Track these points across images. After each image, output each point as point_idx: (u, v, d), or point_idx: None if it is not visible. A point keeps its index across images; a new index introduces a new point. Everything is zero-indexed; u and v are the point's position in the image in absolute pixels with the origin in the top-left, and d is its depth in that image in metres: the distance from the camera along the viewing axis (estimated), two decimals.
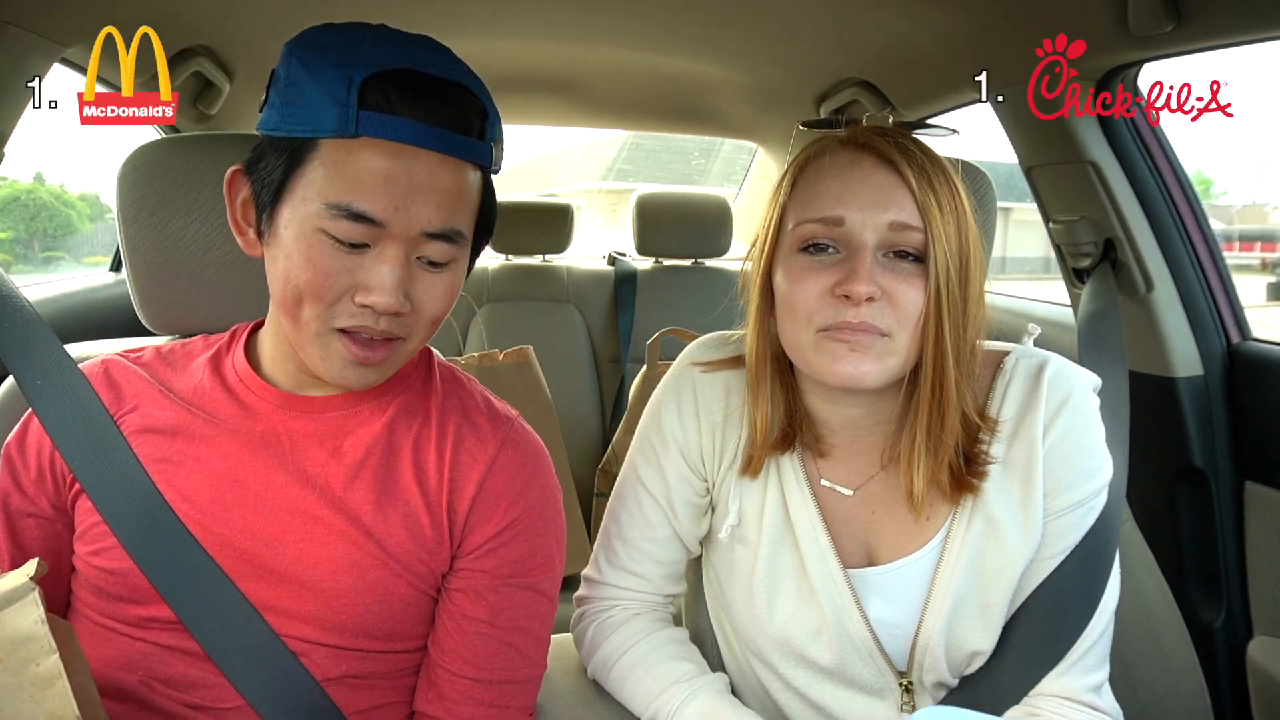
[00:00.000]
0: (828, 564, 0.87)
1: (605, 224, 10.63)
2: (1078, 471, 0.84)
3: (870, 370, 0.78)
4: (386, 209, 0.73)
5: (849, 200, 0.79)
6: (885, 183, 0.78)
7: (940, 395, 0.80)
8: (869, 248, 0.78)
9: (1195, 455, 1.45)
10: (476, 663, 0.83)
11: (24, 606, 0.62)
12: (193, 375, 0.86)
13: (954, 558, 0.84)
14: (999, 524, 0.84)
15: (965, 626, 0.85)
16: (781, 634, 0.89)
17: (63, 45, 1.28)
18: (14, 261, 3.35)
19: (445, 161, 0.75)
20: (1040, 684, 0.86)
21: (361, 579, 0.80)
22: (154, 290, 1.01)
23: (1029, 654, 0.86)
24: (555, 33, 1.80)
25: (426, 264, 0.76)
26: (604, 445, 2.33)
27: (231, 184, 0.80)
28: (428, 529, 0.82)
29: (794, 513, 0.89)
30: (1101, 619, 0.86)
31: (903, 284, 0.78)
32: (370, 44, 0.74)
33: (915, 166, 0.78)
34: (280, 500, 0.80)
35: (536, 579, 0.85)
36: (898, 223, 0.78)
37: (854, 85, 1.85)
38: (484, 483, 0.83)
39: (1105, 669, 0.88)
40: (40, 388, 0.84)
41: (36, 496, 0.83)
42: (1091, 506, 0.86)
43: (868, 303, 0.77)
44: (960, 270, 0.79)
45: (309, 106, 0.73)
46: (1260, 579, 1.41)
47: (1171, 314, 1.46)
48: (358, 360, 0.77)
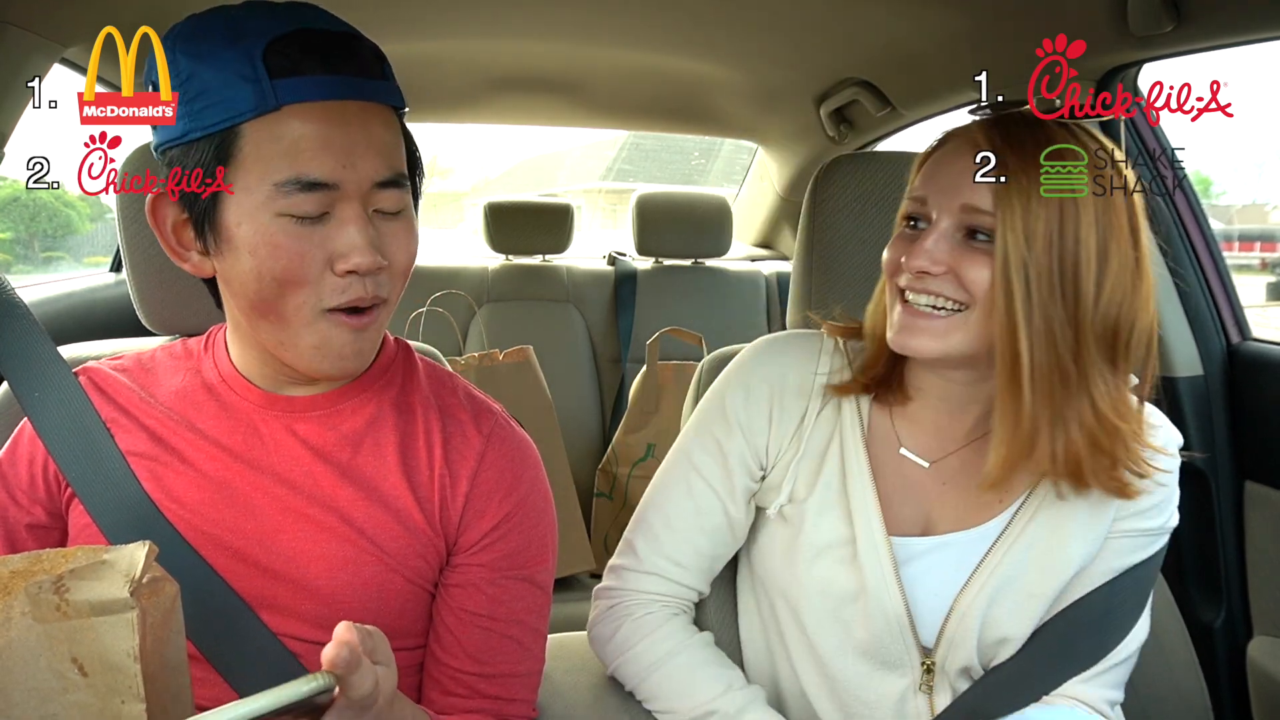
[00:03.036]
0: (873, 531, 0.88)
1: (605, 224, 10.63)
2: (1153, 504, 0.89)
3: (927, 344, 0.81)
4: (335, 169, 0.71)
5: (933, 183, 0.84)
6: (967, 166, 0.81)
7: (1014, 380, 0.80)
8: (940, 226, 0.82)
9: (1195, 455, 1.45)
10: (478, 657, 0.83)
11: (119, 626, 0.58)
12: (173, 380, 0.85)
13: (1013, 540, 0.86)
14: (1066, 520, 0.86)
15: (1005, 609, 0.86)
16: (818, 590, 0.89)
17: (63, 45, 1.28)
18: (14, 261, 3.35)
19: (368, 108, 0.74)
20: (1060, 687, 0.88)
21: (357, 576, 0.79)
22: (154, 290, 1.01)
23: (1057, 662, 0.87)
24: (555, 33, 1.80)
25: (383, 215, 0.76)
26: (604, 445, 2.33)
27: (155, 214, 0.77)
28: (421, 524, 0.82)
29: (850, 479, 0.90)
30: (1131, 644, 0.89)
31: (968, 261, 0.80)
32: (251, 17, 0.72)
33: (1009, 153, 0.79)
34: (269, 501, 0.80)
35: (532, 571, 0.85)
36: (968, 205, 0.80)
37: (854, 85, 1.85)
38: (475, 479, 0.83)
39: (1121, 693, 0.91)
40: (38, 399, 0.84)
41: (31, 506, 0.83)
42: (1154, 540, 0.90)
43: (920, 275, 0.81)
44: (1051, 253, 0.78)
45: (216, 94, 0.70)
46: (1260, 579, 1.41)
47: (1171, 314, 1.45)
48: (355, 328, 0.76)
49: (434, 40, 1.83)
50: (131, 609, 0.58)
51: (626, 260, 2.61)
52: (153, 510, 0.79)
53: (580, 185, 12.37)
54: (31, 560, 0.60)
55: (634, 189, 2.70)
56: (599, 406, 2.44)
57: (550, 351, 2.29)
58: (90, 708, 0.59)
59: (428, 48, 1.88)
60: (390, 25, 1.68)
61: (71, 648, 0.59)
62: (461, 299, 2.36)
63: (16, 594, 0.59)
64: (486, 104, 2.43)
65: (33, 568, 0.60)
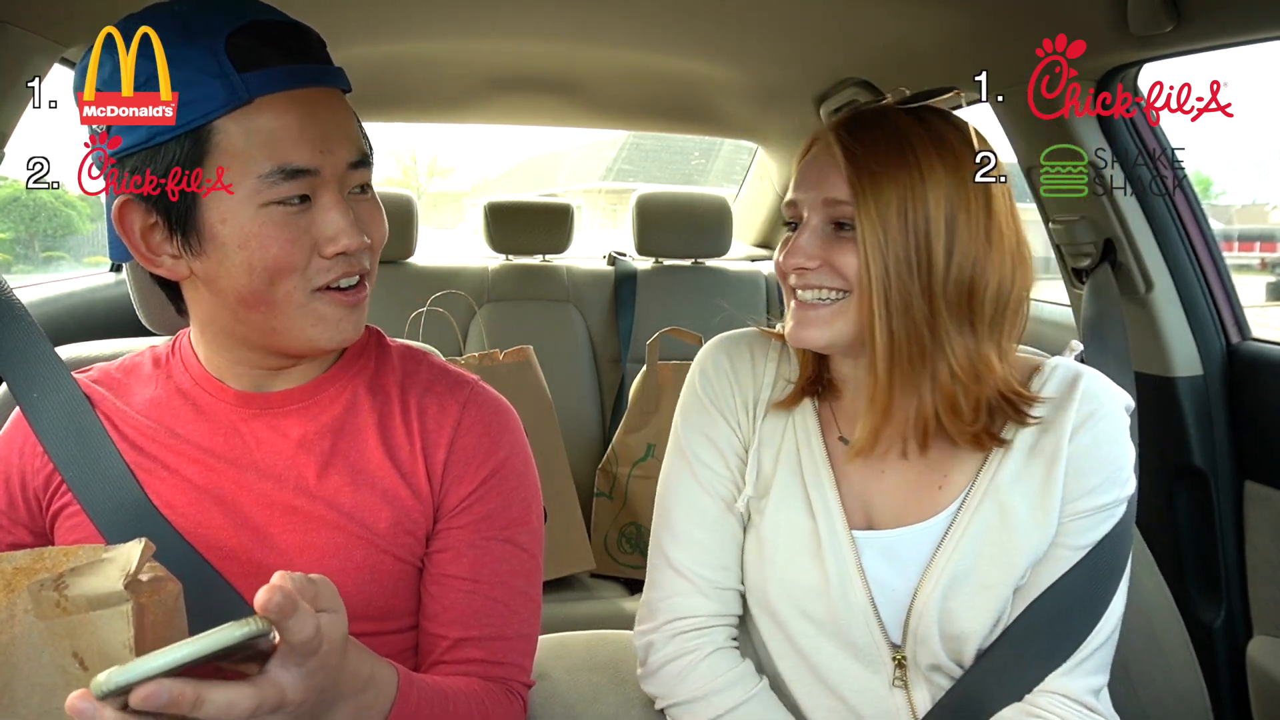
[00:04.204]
0: (834, 523, 0.90)
1: (605, 224, 10.63)
2: (1102, 478, 0.87)
3: (815, 334, 0.88)
4: (315, 156, 0.73)
5: (801, 183, 0.89)
6: (826, 164, 0.87)
7: (875, 353, 0.85)
8: (810, 224, 0.88)
9: (1195, 455, 1.45)
10: (464, 622, 0.83)
11: (115, 619, 0.59)
12: (146, 388, 0.85)
13: (961, 531, 0.87)
14: (1012, 509, 0.87)
15: (959, 601, 0.87)
16: (785, 587, 0.91)
17: (62, 45, 1.28)
18: (14, 261, 3.35)
19: (330, 94, 0.76)
20: (1042, 682, 0.87)
21: (348, 561, 0.80)
22: (153, 290, 1.00)
23: (1034, 651, 0.87)
24: (555, 33, 1.80)
25: (355, 195, 0.78)
26: (604, 445, 2.33)
27: (123, 220, 0.75)
28: (409, 500, 0.82)
29: (806, 470, 0.92)
30: (1107, 625, 0.88)
31: (838, 250, 0.86)
32: (197, 13, 0.72)
33: (857, 146, 0.85)
34: (256, 498, 0.80)
35: (514, 533, 0.85)
36: (830, 199, 0.86)
37: (854, 85, 1.85)
38: (453, 445, 0.84)
39: (1105, 675, 0.90)
40: (36, 399, 0.84)
41: (13, 527, 0.84)
42: (1111, 514, 0.89)
43: (807, 271, 0.87)
44: (906, 233, 0.83)
45: (184, 94, 0.70)
46: (1260, 579, 1.41)
47: (1171, 314, 1.46)
48: (349, 305, 0.78)
49: (434, 40, 1.83)
50: (126, 601, 0.59)
51: (626, 260, 2.61)
52: (151, 510, 0.79)
53: (580, 185, 12.38)
54: (34, 558, 0.61)
55: (634, 189, 2.70)
56: (599, 406, 2.44)
57: (550, 351, 2.29)
58: None
59: (427, 48, 1.88)
60: (390, 25, 1.68)
61: (72, 642, 0.60)
62: (461, 299, 2.36)
63: (20, 591, 0.60)
64: (486, 104, 2.43)
65: (35, 565, 0.61)
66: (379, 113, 2.46)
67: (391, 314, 2.15)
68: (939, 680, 0.89)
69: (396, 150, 12.82)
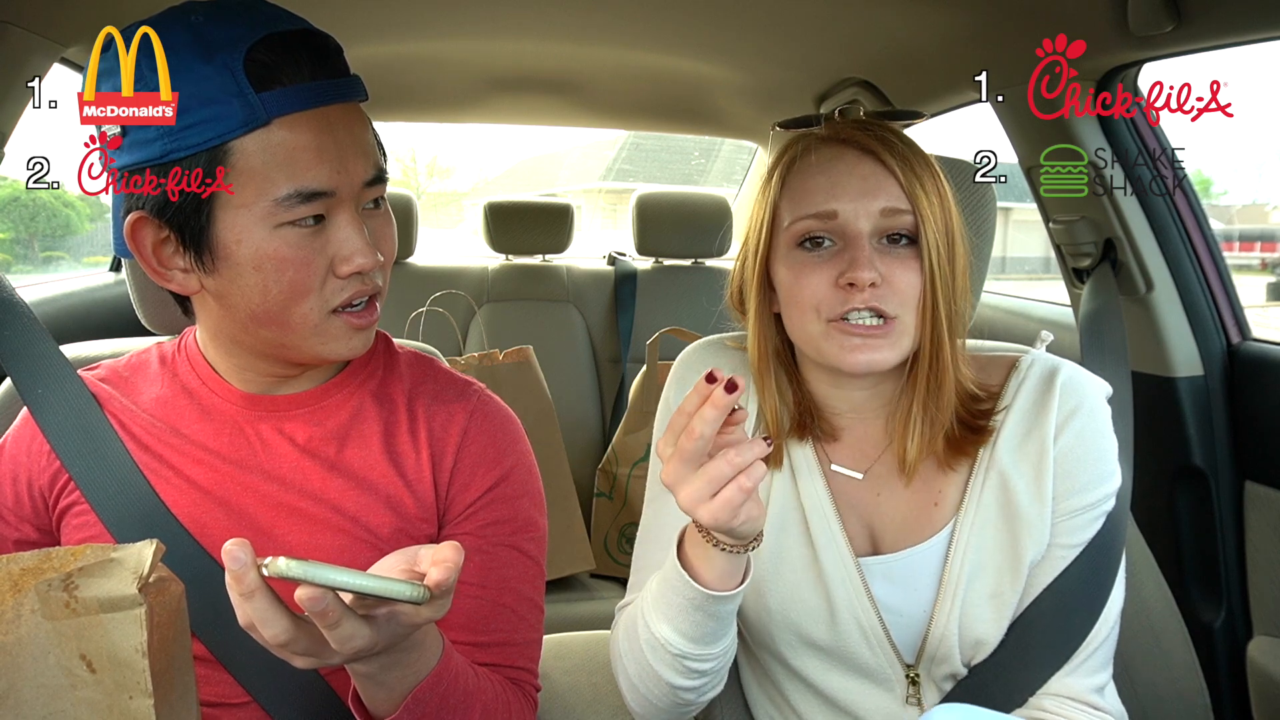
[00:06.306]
0: (839, 551, 0.88)
1: (605, 224, 10.64)
2: (1089, 476, 0.86)
3: (887, 356, 0.82)
4: (332, 177, 0.72)
5: (839, 193, 0.82)
6: (871, 172, 0.82)
7: (937, 366, 0.84)
8: (865, 236, 0.82)
9: (1195, 455, 1.45)
10: (472, 627, 0.83)
11: (127, 622, 0.59)
12: (152, 386, 0.85)
13: (962, 548, 0.86)
14: (1006, 518, 0.86)
15: (974, 616, 0.86)
16: (787, 620, 0.89)
17: (63, 45, 1.28)
18: (14, 261, 3.34)
19: (348, 109, 0.74)
20: (1046, 684, 0.86)
21: (352, 563, 0.79)
22: (153, 290, 1.01)
23: (1035, 653, 0.86)
24: (555, 33, 1.80)
25: (368, 210, 0.77)
26: (604, 445, 2.33)
27: (135, 235, 0.74)
28: (412, 508, 0.82)
29: (806, 500, 0.90)
30: (1107, 622, 0.88)
31: (899, 267, 0.81)
32: (215, 24, 0.70)
33: (897, 155, 0.82)
34: (260, 500, 0.80)
35: (520, 540, 0.86)
36: (888, 208, 0.81)
37: (854, 85, 1.85)
38: (460, 453, 0.84)
39: (1109, 671, 0.89)
40: (41, 396, 0.84)
41: (19, 524, 0.84)
42: (1101, 511, 0.87)
43: (871, 289, 0.80)
44: (948, 246, 0.83)
45: (199, 113, 0.68)
46: (1260, 579, 1.41)
47: (1171, 314, 1.46)
48: (359, 328, 0.78)
49: (434, 40, 1.83)
50: (140, 605, 0.59)
51: (626, 260, 2.61)
52: (161, 508, 0.79)
53: (580, 185, 12.39)
54: (41, 558, 0.61)
55: (634, 189, 2.70)
56: (599, 406, 2.44)
57: (550, 351, 2.29)
58: (98, 704, 0.59)
59: (427, 48, 1.88)
60: (391, 25, 1.68)
61: (80, 644, 0.59)
62: (461, 299, 2.36)
63: (26, 591, 0.59)
64: (486, 104, 2.43)
65: (42, 565, 0.60)
66: (379, 112, 2.46)
67: (391, 314, 2.15)
68: (948, 687, 0.89)
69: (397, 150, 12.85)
